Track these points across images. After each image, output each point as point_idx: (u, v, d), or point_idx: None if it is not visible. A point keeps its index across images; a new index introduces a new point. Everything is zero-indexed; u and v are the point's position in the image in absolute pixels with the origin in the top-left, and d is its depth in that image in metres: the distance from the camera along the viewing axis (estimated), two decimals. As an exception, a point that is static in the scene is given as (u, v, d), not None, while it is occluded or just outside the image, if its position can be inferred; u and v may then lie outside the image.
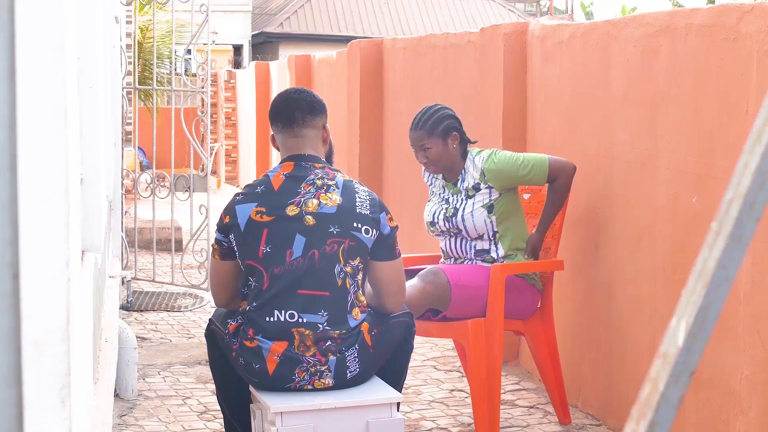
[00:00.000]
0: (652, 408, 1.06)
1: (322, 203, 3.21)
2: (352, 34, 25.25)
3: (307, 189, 3.24)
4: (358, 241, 3.20)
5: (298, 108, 3.36)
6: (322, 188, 3.24)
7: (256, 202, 3.23)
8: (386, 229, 3.25)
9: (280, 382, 3.17)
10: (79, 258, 2.10)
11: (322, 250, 3.17)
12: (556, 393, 4.30)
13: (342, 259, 3.19)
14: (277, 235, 3.18)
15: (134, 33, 7.59)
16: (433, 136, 4.20)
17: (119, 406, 4.51)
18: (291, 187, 3.25)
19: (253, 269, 3.21)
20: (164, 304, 6.76)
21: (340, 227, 3.19)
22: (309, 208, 3.20)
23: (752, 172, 1.07)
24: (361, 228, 3.21)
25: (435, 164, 4.24)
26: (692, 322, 1.06)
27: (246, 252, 3.21)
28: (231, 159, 15.20)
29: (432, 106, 4.30)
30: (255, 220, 3.20)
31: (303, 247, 3.17)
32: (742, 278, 3.25)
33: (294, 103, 3.37)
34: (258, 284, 3.19)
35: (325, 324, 3.16)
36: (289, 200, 3.22)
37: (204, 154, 6.94)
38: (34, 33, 1.35)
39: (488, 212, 4.16)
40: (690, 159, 3.66)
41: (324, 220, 3.19)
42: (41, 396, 1.38)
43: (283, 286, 3.16)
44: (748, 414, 3.28)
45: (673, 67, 3.76)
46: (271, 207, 3.21)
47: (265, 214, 3.21)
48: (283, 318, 3.16)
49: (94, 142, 3.34)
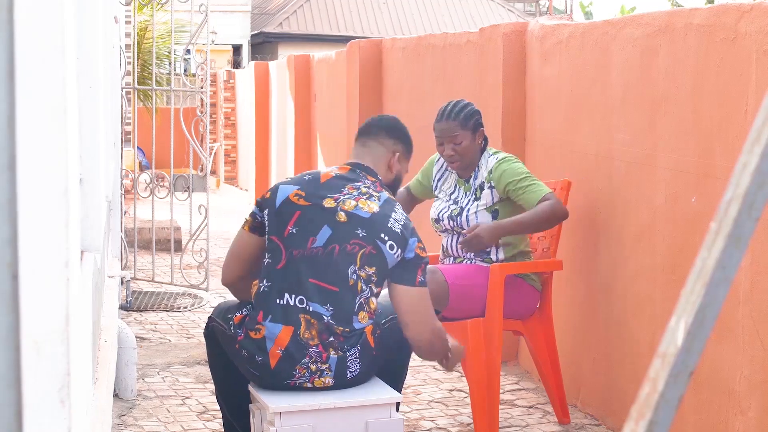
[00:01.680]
0: (651, 408, 1.06)
1: (359, 206, 3.27)
2: (351, 34, 25.24)
3: (350, 191, 3.32)
4: (379, 252, 3.23)
5: (378, 123, 3.52)
6: (364, 195, 3.31)
7: (298, 186, 3.33)
8: (411, 254, 3.25)
9: (281, 377, 3.17)
10: (79, 258, 2.10)
11: (343, 247, 3.22)
12: (555, 393, 4.30)
13: (358, 261, 3.22)
14: (306, 220, 3.26)
15: (133, 33, 7.58)
16: (465, 128, 4.17)
17: (118, 406, 4.50)
18: (336, 185, 3.33)
19: (274, 246, 3.27)
20: (163, 304, 6.76)
21: (367, 233, 3.23)
22: (345, 206, 3.27)
23: (751, 172, 1.07)
24: (386, 241, 3.24)
25: (461, 158, 4.19)
26: (691, 321, 1.06)
27: (273, 228, 3.29)
28: (230, 159, 15.20)
29: (459, 100, 4.26)
30: (291, 201, 3.29)
31: (326, 239, 3.23)
32: (741, 278, 3.25)
33: (380, 119, 3.57)
34: (273, 262, 3.25)
35: (330, 318, 3.17)
36: (330, 194, 3.30)
37: (203, 154, 6.94)
38: (33, 33, 1.35)
39: (493, 217, 4.15)
40: (689, 159, 3.66)
41: (354, 221, 3.24)
42: (40, 396, 1.38)
43: (298, 271, 3.21)
44: (747, 414, 3.28)
45: (673, 67, 3.76)
46: (310, 194, 3.30)
47: (302, 198, 3.29)
48: (293, 302, 3.19)
49: (94, 142, 3.33)
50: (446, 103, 4.26)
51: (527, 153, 5.13)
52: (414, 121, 6.96)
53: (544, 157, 4.94)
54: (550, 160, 4.85)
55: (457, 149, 4.16)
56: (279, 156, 11.77)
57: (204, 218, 6.81)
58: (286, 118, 11.38)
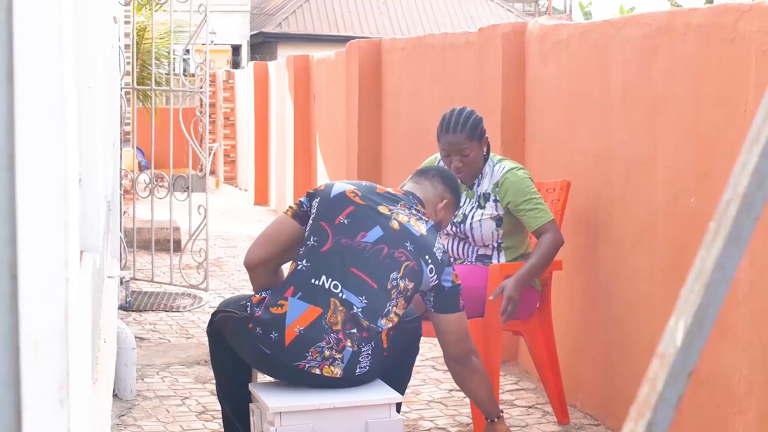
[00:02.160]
0: (650, 408, 1.06)
1: (410, 223, 3.33)
2: (350, 34, 25.24)
3: (403, 208, 3.37)
4: (421, 270, 3.28)
5: (436, 170, 3.63)
6: (414, 215, 3.37)
7: (355, 186, 3.38)
8: (449, 283, 3.36)
9: (293, 356, 3.14)
10: (78, 258, 2.10)
11: (392, 252, 3.25)
12: (554, 393, 4.30)
13: (402, 271, 3.26)
14: (359, 216, 3.29)
15: (132, 33, 7.58)
16: (473, 140, 4.07)
17: (118, 407, 4.50)
18: (390, 198, 3.40)
19: (321, 230, 3.27)
20: (163, 305, 6.76)
21: (415, 249, 3.28)
22: (398, 217, 3.33)
23: (750, 172, 1.07)
24: (429, 262, 3.30)
25: (470, 169, 4.11)
26: (691, 321, 1.06)
27: (323, 215, 3.29)
28: (229, 159, 15.20)
29: (462, 109, 4.14)
30: (347, 196, 3.32)
31: (377, 238, 3.26)
32: (741, 278, 3.25)
33: (439, 170, 3.64)
34: (318, 245, 3.26)
35: (360, 310, 3.18)
36: (384, 203, 3.35)
37: (202, 155, 6.94)
38: (32, 33, 1.35)
39: (496, 225, 4.14)
40: (688, 159, 3.66)
41: (405, 233, 3.30)
42: (40, 396, 1.38)
43: (342, 257, 3.22)
44: (747, 414, 3.28)
45: (672, 67, 3.76)
46: (365, 196, 3.35)
47: (358, 197, 3.33)
48: (328, 285, 3.20)
49: (93, 142, 3.34)
50: (449, 113, 4.14)
51: (527, 153, 5.13)
52: (413, 120, 6.97)
53: (543, 157, 4.94)
54: (549, 160, 4.85)
55: (465, 161, 4.09)
56: (278, 156, 11.77)
57: (203, 218, 6.81)
58: (286, 119, 11.38)
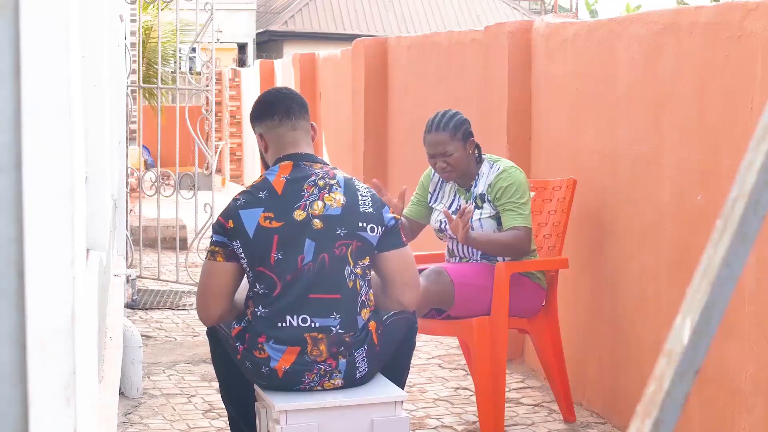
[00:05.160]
0: (657, 406, 1.06)
1: (327, 205, 3.17)
2: (356, 33, 25.24)
3: (310, 191, 3.18)
4: (364, 241, 3.18)
5: (293, 101, 3.33)
6: (324, 188, 3.19)
7: (262, 207, 3.15)
8: (391, 222, 3.22)
9: (290, 384, 3.16)
10: (84, 256, 2.10)
11: (332, 253, 3.14)
12: (560, 391, 4.30)
13: (351, 260, 3.17)
14: (287, 241, 3.12)
15: (139, 32, 7.59)
16: (455, 140, 4.09)
17: (124, 405, 4.51)
18: (294, 190, 3.18)
19: (264, 276, 3.14)
20: (169, 303, 6.76)
21: (347, 229, 3.16)
22: (315, 211, 3.16)
23: (757, 170, 1.06)
24: (366, 227, 3.18)
25: (455, 170, 4.11)
26: (697, 320, 1.06)
27: (256, 259, 3.13)
28: (235, 157, 15.20)
29: (446, 110, 4.17)
30: (264, 227, 3.13)
31: (313, 252, 3.13)
32: (747, 276, 3.25)
33: (287, 97, 3.35)
34: (268, 291, 3.14)
35: (339, 327, 3.13)
36: (295, 204, 3.16)
37: (209, 153, 6.95)
38: (39, 31, 1.35)
39: (497, 223, 4.14)
40: (695, 157, 3.66)
41: (331, 223, 3.16)
42: (46, 394, 1.38)
43: (296, 292, 3.12)
44: (753, 412, 3.27)
45: (678, 65, 3.76)
46: (278, 212, 3.14)
47: (273, 220, 3.13)
48: (295, 323, 3.12)
49: (99, 140, 3.34)
50: (434, 115, 4.18)
51: (532, 151, 5.12)
52: (419, 119, 6.96)
53: (549, 155, 4.94)
54: (555, 159, 4.85)
55: (449, 161, 4.09)
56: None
57: (209, 216, 6.82)
58: (292, 117, 11.35)
